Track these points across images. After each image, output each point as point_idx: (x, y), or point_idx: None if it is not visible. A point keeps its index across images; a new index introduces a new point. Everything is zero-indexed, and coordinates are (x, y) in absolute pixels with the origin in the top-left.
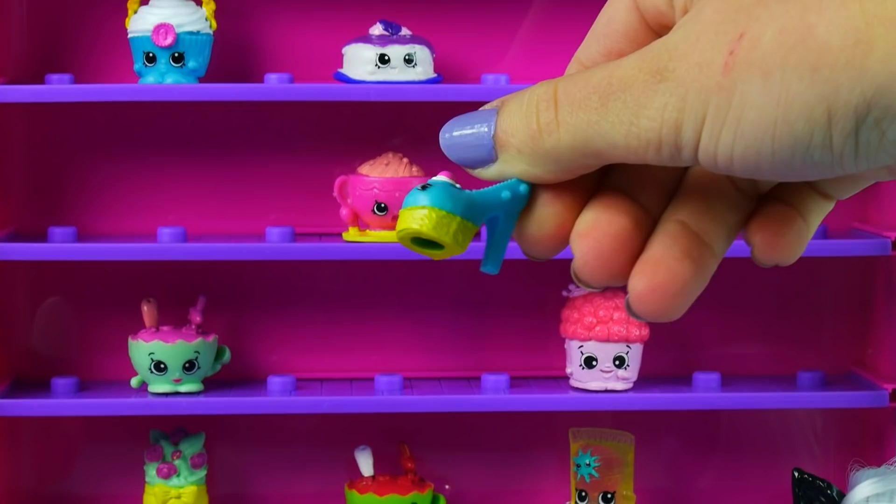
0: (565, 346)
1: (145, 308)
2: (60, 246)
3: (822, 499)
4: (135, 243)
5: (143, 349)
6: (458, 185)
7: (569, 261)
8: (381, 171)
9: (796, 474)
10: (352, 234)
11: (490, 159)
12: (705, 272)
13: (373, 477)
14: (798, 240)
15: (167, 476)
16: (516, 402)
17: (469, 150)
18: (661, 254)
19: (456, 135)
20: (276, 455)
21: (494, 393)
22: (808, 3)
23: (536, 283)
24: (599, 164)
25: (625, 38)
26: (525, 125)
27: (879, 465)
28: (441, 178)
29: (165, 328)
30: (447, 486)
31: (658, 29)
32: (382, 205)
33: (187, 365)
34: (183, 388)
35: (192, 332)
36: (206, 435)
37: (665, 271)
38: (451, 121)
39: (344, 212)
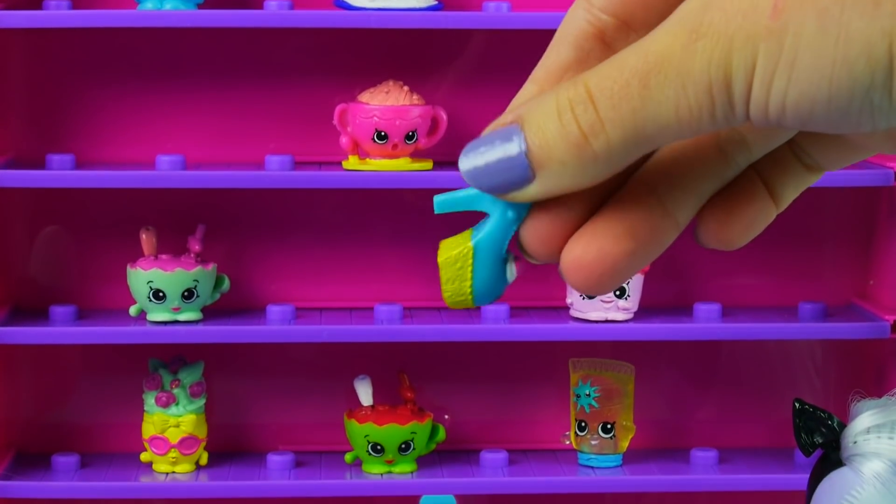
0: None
1: (144, 236)
2: (59, 173)
3: (823, 430)
4: (133, 171)
5: (141, 277)
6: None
7: None
8: (381, 100)
9: (797, 405)
10: (352, 163)
11: (526, 180)
12: (652, 248)
13: (372, 406)
14: (748, 227)
15: (166, 405)
16: (516, 332)
17: (499, 175)
18: (602, 229)
19: (479, 161)
20: (275, 384)
21: (494, 323)
22: None
23: None
24: (650, 150)
25: None
26: (564, 134)
27: (880, 397)
28: (512, 275)
29: (164, 256)
30: (446, 416)
31: None
32: (382, 133)
33: (186, 293)
34: (182, 317)
35: (191, 261)
36: (204, 364)
37: (597, 250)
38: (466, 148)
39: (344, 140)
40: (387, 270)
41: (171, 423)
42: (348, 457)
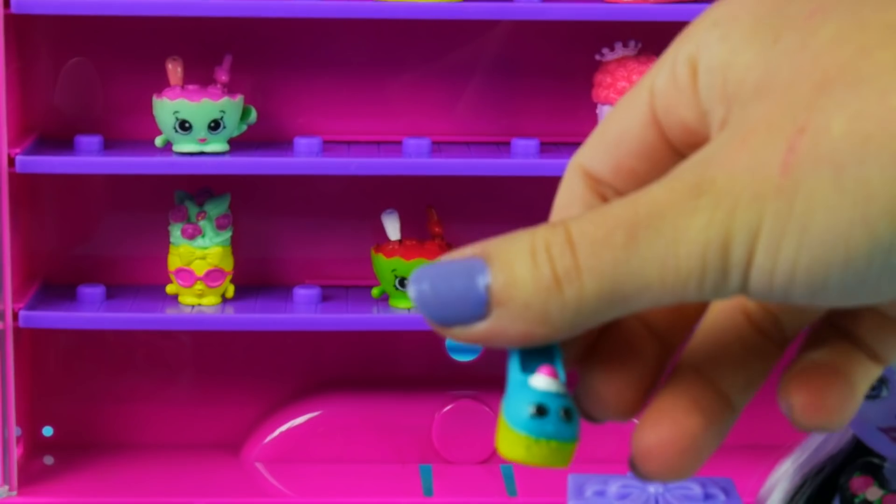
0: (597, 111)
1: (170, 66)
2: (83, 0)
3: None
4: None
5: (167, 108)
6: (559, 390)
7: (601, 23)
8: None
9: None
10: None
11: (477, 317)
12: (720, 427)
13: (399, 241)
14: (845, 402)
15: (192, 237)
16: (546, 167)
17: (451, 306)
18: (669, 405)
19: (436, 287)
20: (302, 218)
21: (524, 157)
22: (886, 85)
23: (569, 46)
24: (621, 315)
25: (639, 157)
26: (535, 275)
27: None
28: (543, 383)
29: (191, 87)
30: None
31: (684, 149)
32: None
33: (213, 124)
34: (208, 148)
35: (218, 91)
36: (231, 196)
37: (670, 425)
38: (420, 270)
39: None
40: (416, 103)
41: (196, 255)
42: (375, 291)
